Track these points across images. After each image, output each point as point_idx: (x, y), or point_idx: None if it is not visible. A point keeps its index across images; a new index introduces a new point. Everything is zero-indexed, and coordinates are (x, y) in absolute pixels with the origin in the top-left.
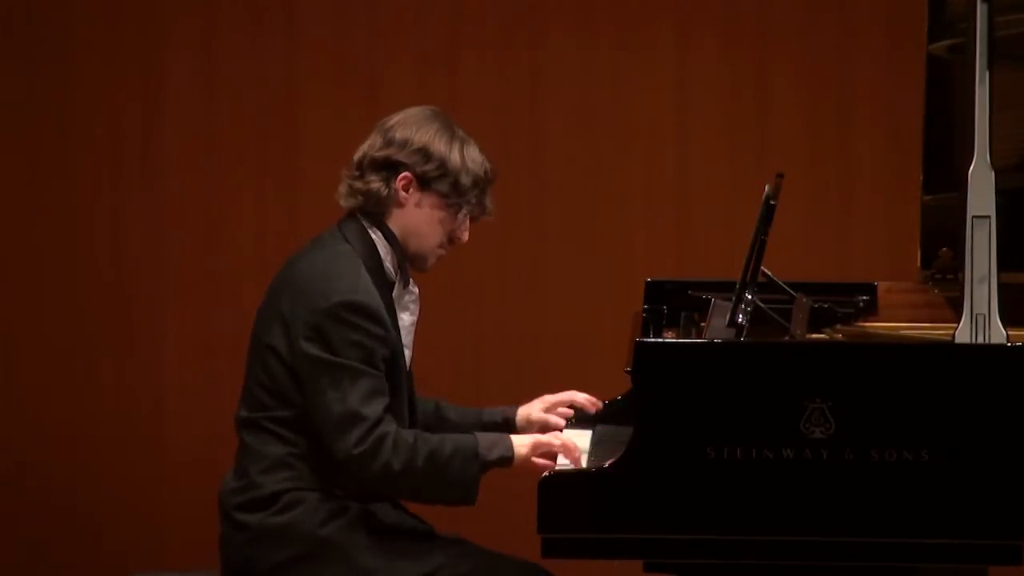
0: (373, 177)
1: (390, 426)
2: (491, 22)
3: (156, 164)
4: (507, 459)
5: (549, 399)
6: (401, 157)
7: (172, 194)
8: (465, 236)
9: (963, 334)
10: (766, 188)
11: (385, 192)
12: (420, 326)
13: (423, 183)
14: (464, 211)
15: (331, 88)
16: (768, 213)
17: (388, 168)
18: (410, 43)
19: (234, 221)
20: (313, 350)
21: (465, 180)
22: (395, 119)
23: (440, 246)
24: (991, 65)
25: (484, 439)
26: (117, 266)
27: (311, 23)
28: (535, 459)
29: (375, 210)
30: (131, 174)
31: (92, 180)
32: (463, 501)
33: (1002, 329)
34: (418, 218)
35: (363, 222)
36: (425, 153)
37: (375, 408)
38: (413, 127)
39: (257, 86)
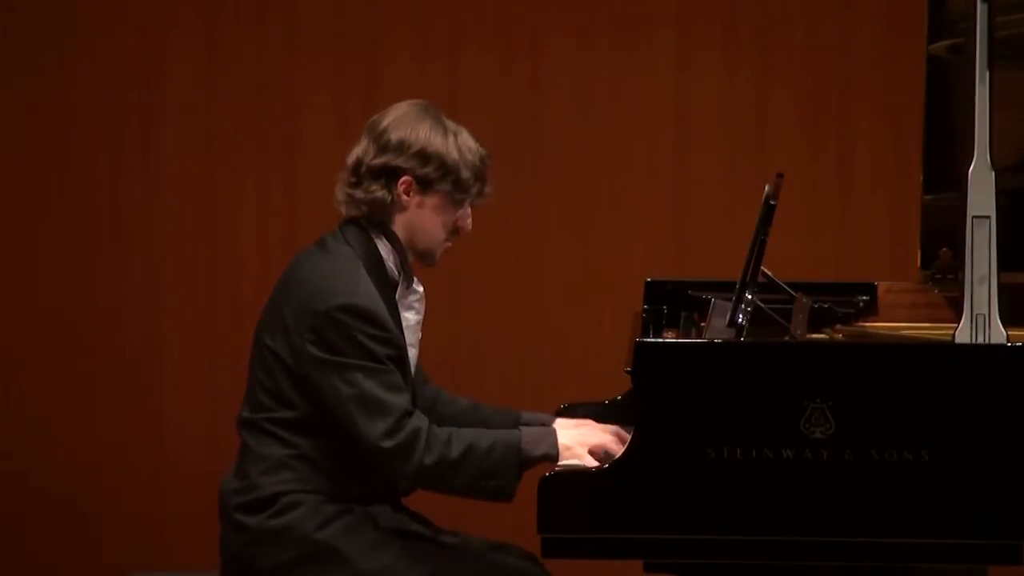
0: (374, 185)
1: (421, 421)
2: (491, 22)
3: (156, 164)
4: (551, 456)
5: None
6: (399, 162)
7: (172, 194)
8: (469, 224)
9: (963, 334)
10: (766, 188)
11: (389, 199)
12: (422, 325)
13: (424, 184)
14: (468, 203)
15: (331, 88)
16: (768, 213)
17: (387, 174)
18: (410, 43)
19: (234, 221)
20: (318, 352)
21: (466, 174)
22: (386, 120)
23: (446, 239)
24: (991, 65)
25: (528, 433)
26: (117, 266)
27: (311, 23)
28: (587, 459)
29: (380, 217)
30: (131, 174)
31: (92, 179)
32: (501, 494)
33: (1002, 329)
34: (421, 218)
35: (365, 225)
36: (423, 155)
37: (396, 399)
38: (406, 128)
39: (257, 86)
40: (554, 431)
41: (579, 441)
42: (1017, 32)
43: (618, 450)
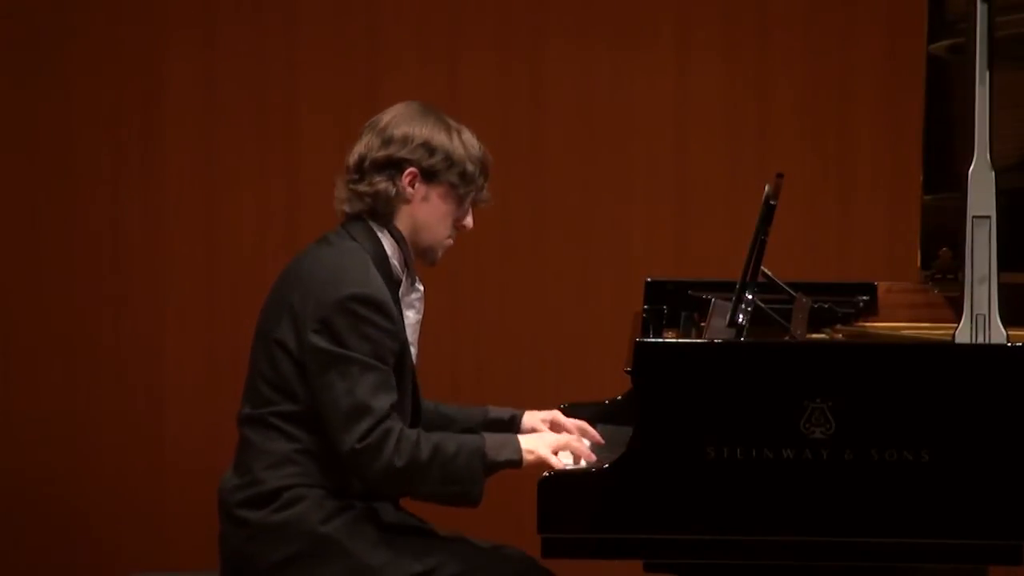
0: (378, 178)
1: (395, 423)
2: (491, 22)
3: (156, 164)
4: (515, 462)
5: (560, 419)
6: (404, 154)
7: (172, 194)
8: (470, 222)
9: (963, 334)
10: (766, 188)
11: (393, 191)
12: (422, 325)
13: (429, 176)
14: (471, 198)
15: (331, 88)
16: (768, 213)
17: (392, 167)
18: (410, 43)
19: (234, 221)
20: (321, 342)
21: (471, 168)
22: (387, 118)
23: (448, 236)
24: (991, 65)
25: (491, 439)
26: (117, 266)
27: (311, 23)
28: (550, 458)
29: (384, 210)
30: (131, 175)
31: (92, 181)
32: (466, 499)
33: (1002, 329)
34: (426, 212)
35: (369, 223)
36: (428, 147)
37: (382, 402)
38: (409, 123)
39: (257, 86)
40: (516, 437)
41: (542, 443)
42: (1017, 32)
43: (581, 447)
